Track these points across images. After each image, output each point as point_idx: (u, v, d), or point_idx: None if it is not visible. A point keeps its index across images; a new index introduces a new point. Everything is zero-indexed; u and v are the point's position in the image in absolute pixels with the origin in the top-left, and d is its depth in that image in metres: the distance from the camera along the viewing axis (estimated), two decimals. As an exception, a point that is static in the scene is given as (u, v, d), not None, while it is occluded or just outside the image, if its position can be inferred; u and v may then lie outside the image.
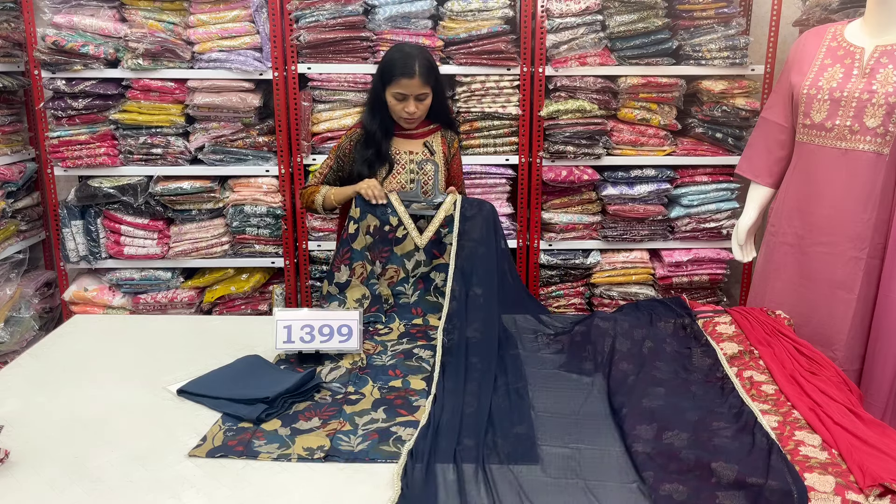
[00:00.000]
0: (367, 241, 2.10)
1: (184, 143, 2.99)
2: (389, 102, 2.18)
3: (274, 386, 1.61)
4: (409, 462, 1.37)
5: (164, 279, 3.10)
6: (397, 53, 2.17)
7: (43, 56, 2.84)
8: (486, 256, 2.05)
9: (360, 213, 2.10)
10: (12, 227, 3.04)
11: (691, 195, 3.08)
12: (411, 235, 2.11)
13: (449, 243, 2.09)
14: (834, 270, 2.04)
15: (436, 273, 2.11)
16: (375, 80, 2.23)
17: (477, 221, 2.10)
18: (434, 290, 2.11)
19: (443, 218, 2.11)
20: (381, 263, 2.11)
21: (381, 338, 1.97)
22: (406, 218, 2.11)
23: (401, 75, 2.12)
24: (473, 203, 2.14)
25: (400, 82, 2.13)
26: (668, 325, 1.93)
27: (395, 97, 2.16)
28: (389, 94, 2.17)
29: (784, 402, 1.56)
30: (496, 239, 2.10)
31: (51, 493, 1.28)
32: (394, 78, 2.13)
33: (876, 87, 1.91)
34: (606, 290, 3.16)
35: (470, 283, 2.01)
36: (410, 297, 2.11)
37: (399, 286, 2.11)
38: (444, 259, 2.11)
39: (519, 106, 2.99)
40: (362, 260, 2.08)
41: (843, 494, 1.22)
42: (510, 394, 1.64)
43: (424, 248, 2.11)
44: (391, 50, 2.21)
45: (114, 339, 1.97)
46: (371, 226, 2.10)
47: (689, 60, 2.96)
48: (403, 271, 2.11)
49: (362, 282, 2.08)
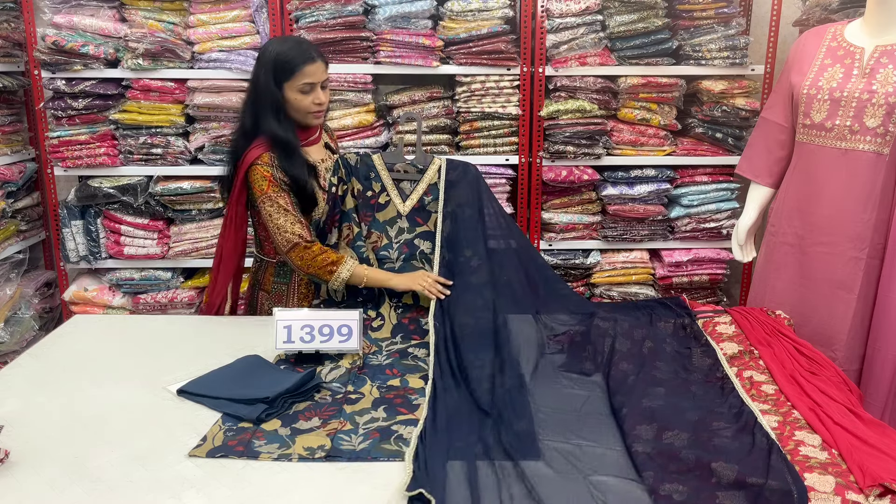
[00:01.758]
0: (353, 203, 2.05)
1: (184, 143, 2.99)
2: (294, 99, 1.98)
3: (274, 386, 1.61)
4: (419, 446, 1.40)
5: (164, 279, 3.10)
6: (284, 45, 1.99)
7: (43, 56, 2.84)
8: (472, 220, 2.01)
9: (345, 174, 2.04)
10: (12, 227, 3.04)
11: (691, 195, 3.08)
12: (394, 202, 2.06)
13: (433, 211, 2.04)
14: (834, 270, 2.04)
15: (420, 240, 2.06)
16: (265, 85, 1.97)
17: (462, 186, 2.05)
18: (420, 256, 2.06)
19: (427, 185, 2.06)
20: (367, 226, 2.06)
21: (375, 334, 1.96)
22: (389, 183, 2.05)
23: (303, 63, 1.94)
24: (458, 166, 2.08)
25: (304, 71, 1.95)
26: (668, 325, 1.93)
27: (302, 90, 1.97)
28: (293, 89, 1.97)
29: (784, 402, 1.56)
30: (482, 201, 2.04)
31: (51, 493, 1.28)
32: (296, 68, 1.94)
33: (876, 87, 1.91)
34: (606, 290, 3.16)
35: (458, 251, 1.98)
36: (395, 262, 2.05)
37: (383, 251, 2.06)
38: (427, 226, 2.06)
39: (519, 106, 2.99)
40: (349, 221, 2.04)
41: (843, 494, 1.22)
42: (510, 390, 1.64)
43: (407, 215, 2.06)
44: (271, 45, 2.01)
45: (114, 339, 1.97)
46: (355, 188, 2.05)
47: (689, 60, 2.96)
48: (386, 237, 2.06)
49: (348, 243, 2.04)
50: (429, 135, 3.02)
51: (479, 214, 2.04)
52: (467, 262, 1.97)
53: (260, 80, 1.98)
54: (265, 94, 1.97)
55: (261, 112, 1.99)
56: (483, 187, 2.07)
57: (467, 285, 1.94)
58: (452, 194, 2.05)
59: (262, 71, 1.97)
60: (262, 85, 1.97)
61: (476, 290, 1.93)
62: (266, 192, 1.96)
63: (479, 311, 1.89)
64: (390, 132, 3.07)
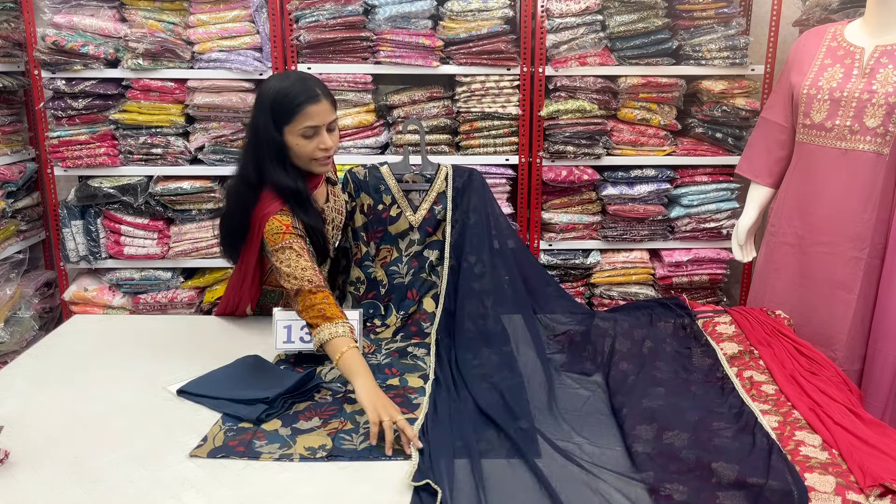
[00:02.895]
0: (363, 220, 2.06)
1: (184, 143, 2.99)
2: (296, 145, 1.74)
3: (274, 386, 1.61)
4: (422, 439, 1.42)
5: (164, 279, 3.10)
6: (284, 82, 1.73)
7: (43, 56, 2.84)
8: (478, 226, 2.03)
9: (354, 189, 2.05)
10: (12, 227, 3.04)
11: (691, 195, 3.08)
12: (405, 215, 2.06)
13: (443, 220, 2.06)
14: (834, 270, 2.04)
15: (429, 251, 2.07)
16: (265, 130, 1.73)
17: (468, 193, 2.06)
18: (429, 268, 2.07)
19: (435, 195, 2.07)
20: (375, 244, 2.07)
21: (377, 335, 1.96)
22: (399, 195, 2.05)
23: (305, 103, 1.70)
24: (462, 173, 2.10)
25: (306, 112, 1.70)
26: (667, 325, 1.93)
27: (304, 134, 1.72)
28: (294, 134, 1.72)
29: (784, 403, 1.56)
30: (488, 208, 2.06)
31: (51, 493, 1.28)
32: (297, 109, 1.70)
33: (876, 87, 1.91)
34: (606, 290, 3.16)
35: (462, 256, 1.99)
36: (405, 276, 2.06)
37: (392, 266, 2.07)
38: (437, 236, 2.07)
39: (519, 106, 2.99)
40: (358, 241, 2.05)
41: (843, 494, 1.22)
42: (510, 390, 1.64)
43: (419, 226, 2.06)
44: (271, 82, 1.76)
45: (114, 339, 1.97)
46: (365, 204, 2.05)
47: (689, 60, 2.96)
48: (396, 251, 2.07)
49: (356, 263, 2.05)
50: (429, 135, 3.02)
51: (484, 221, 2.06)
52: (471, 268, 1.98)
53: (259, 124, 1.74)
54: (266, 141, 1.74)
55: (263, 161, 1.75)
56: (488, 194, 2.09)
57: (471, 292, 1.95)
58: (459, 202, 2.06)
59: (261, 113, 1.74)
60: (262, 130, 1.73)
61: (478, 297, 1.94)
62: (281, 241, 1.72)
63: (482, 319, 1.90)
64: (390, 132, 3.07)
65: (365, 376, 1.52)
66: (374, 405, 1.44)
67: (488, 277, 1.97)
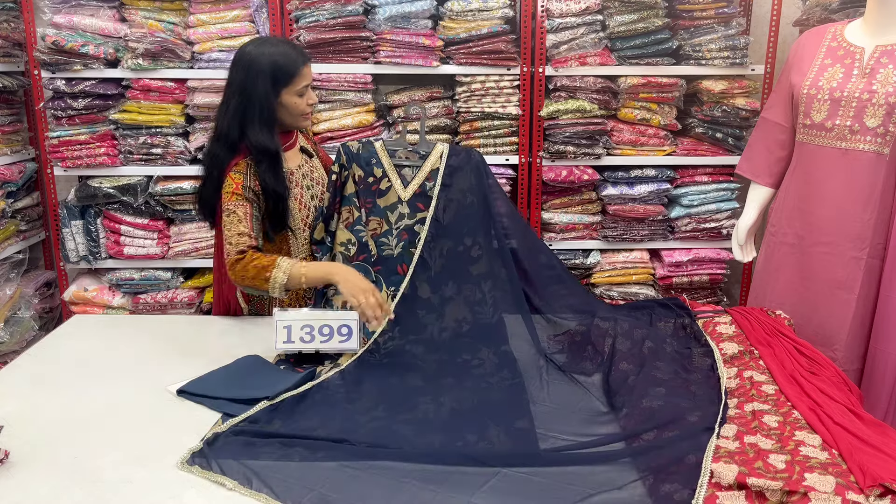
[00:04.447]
0: (354, 188, 2.04)
1: (184, 143, 2.99)
2: (293, 104, 1.92)
3: (274, 386, 1.61)
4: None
5: (163, 279, 3.10)
6: (278, 46, 1.91)
7: (43, 56, 2.84)
8: (474, 207, 1.99)
9: (346, 160, 2.03)
10: (12, 227, 3.04)
11: (691, 195, 3.08)
12: (395, 188, 2.04)
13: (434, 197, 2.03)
14: (834, 271, 2.04)
15: (420, 226, 2.04)
16: (262, 93, 1.87)
17: (464, 172, 2.02)
18: (419, 243, 2.03)
19: (429, 171, 2.04)
20: (366, 213, 2.05)
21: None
22: (390, 169, 2.03)
23: (302, 65, 1.90)
24: (460, 152, 2.06)
25: (303, 73, 1.91)
26: (668, 326, 1.93)
27: (300, 93, 1.92)
28: (291, 94, 1.91)
29: (784, 402, 1.56)
30: (486, 189, 2.01)
31: (51, 493, 1.28)
32: (296, 72, 1.89)
33: (876, 87, 1.91)
34: (606, 290, 3.16)
35: (458, 239, 1.96)
36: (394, 249, 2.03)
37: (383, 237, 2.04)
38: (428, 212, 2.04)
39: (519, 106, 2.99)
40: (349, 205, 2.03)
41: (843, 494, 1.22)
42: (509, 389, 1.64)
43: (408, 201, 2.04)
44: (262, 49, 1.89)
45: (114, 339, 1.97)
46: (356, 174, 2.03)
47: (689, 60, 2.96)
48: (386, 223, 2.04)
49: (347, 227, 2.03)
50: (429, 135, 3.02)
51: (482, 202, 2.02)
52: (467, 251, 1.95)
53: (256, 87, 1.86)
54: (259, 103, 1.87)
55: (249, 121, 1.88)
56: (486, 174, 2.05)
57: (467, 275, 1.92)
58: (454, 180, 2.02)
59: (258, 78, 1.86)
60: (259, 93, 1.86)
61: (475, 282, 1.92)
62: (227, 203, 1.86)
63: (478, 306, 1.88)
64: (390, 132, 3.07)
65: (336, 271, 1.76)
66: (357, 293, 1.70)
67: (485, 262, 1.92)
